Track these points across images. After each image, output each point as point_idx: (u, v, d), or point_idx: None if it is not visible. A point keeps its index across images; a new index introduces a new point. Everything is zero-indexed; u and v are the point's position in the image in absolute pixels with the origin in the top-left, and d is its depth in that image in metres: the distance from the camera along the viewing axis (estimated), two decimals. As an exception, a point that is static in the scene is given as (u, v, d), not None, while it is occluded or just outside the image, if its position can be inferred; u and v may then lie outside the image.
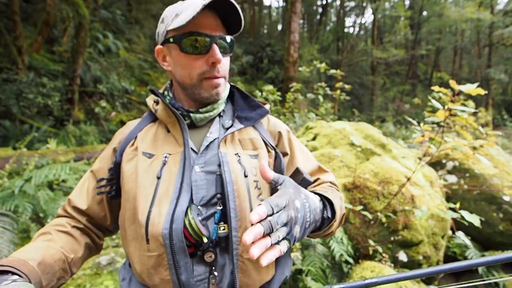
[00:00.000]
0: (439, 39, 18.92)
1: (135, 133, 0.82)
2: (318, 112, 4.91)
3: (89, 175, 0.85)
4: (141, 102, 9.72)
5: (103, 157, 0.86)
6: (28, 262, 0.61)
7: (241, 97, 0.90)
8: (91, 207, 0.82)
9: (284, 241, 0.57)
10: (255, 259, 0.53)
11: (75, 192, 0.84)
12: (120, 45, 10.74)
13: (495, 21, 14.19)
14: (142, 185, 0.72)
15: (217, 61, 0.73)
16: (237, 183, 0.72)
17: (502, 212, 2.74)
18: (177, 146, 0.77)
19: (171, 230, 0.66)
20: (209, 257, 0.70)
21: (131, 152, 0.79)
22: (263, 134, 0.86)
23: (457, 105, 1.65)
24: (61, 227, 0.78)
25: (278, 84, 11.72)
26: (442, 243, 2.41)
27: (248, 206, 0.72)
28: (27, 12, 8.58)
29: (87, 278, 2.20)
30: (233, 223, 0.70)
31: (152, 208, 0.69)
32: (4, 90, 6.42)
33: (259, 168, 0.68)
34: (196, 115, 0.80)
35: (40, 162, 4.12)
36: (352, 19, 26.26)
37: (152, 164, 0.75)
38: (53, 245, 0.71)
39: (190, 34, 0.72)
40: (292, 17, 7.36)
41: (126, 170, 0.77)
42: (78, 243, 0.78)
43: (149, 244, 0.68)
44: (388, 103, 15.85)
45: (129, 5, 12.98)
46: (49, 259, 0.66)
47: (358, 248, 2.25)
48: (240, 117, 0.86)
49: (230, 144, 0.80)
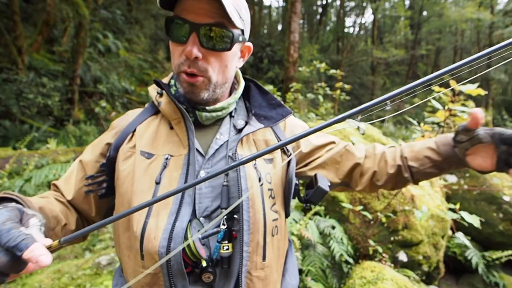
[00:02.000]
0: (439, 39, 18.92)
1: (134, 126, 0.73)
2: (318, 112, 4.92)
3: (78, 165, 0.75)
4: (141, 102, 9.72)
5: (94, 146, 0.76)
6: (31, 201, 0.59)
7: (259, 93, 0.79)
8: (76, 198, 0.73)
9: None
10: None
11: (63, 179, 0.76)
12: (120, 45, 10.74)
13: (495, 21, 14.20)
14: (139, 190, 0.64)
15: (187, 54, 0.62)
16: (252, 192, 0.65)
17: (502, 212, 2.74)
18: (180, 147, 0.68)
19: (168, 250, 0.59)
20: (207, 277, 0.62)
21: (128, 150, 0.70)
22: (279, 136, 0.77)
23: (457, 105, 1.65)
24: (58, 196, 0.73)
25: (278, 84, 11.72)
26: (442, 243, 2.41)
27: (262, 218, 0.65)
28: (27, 12, 8.58)
29: (87, 278, 2.20)
30: (245, 237, 0.62)
31: (148, 219, 0.62)
32: (4, 90, 6.42)
33: (473, 115, 0.58)
34: (202, 113, 0.71)
35: (40, 162, 4.12)
36: (352, 19, 26.27)
37: (151, 166, 0.66)
38: (52, 205, 0.68)
39: (173, 18, 0.63)
40: (292, 17, 7.36)
41: (121, 170, 0.68)
42: (72, 215, 0.72)
43: (143, 261, 0.62)
44: (388, 103, 15.82)
45: (129, 5, 12.98)
46: (48, 211, 0.62)
47: (358, 248, 2.25)
48: (258, 115, 0.75)
49: (246, 145, 0.71)
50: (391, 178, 0.76)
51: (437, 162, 0.71)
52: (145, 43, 12.58)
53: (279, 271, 0.74)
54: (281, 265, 0.75)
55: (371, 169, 0.78)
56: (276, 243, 0.70)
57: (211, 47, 0.63)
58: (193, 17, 0.61)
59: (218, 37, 0.62)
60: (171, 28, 0.63)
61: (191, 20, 0.61)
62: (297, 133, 0.78)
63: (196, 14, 0.61)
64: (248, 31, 0.72)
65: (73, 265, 2.37)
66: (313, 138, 0.82)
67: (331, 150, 0.82)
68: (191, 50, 0.61)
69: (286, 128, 0.81)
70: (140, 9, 13.04)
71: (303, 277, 2.02)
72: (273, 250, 0.69)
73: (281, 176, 0.74)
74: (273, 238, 0.68)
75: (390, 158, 0.77)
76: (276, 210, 0.70)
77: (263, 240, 0.65)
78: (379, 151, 0.79)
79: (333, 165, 0.80)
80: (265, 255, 0.66)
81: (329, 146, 0.83)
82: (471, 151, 0.64)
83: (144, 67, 11.51)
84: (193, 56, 0.62)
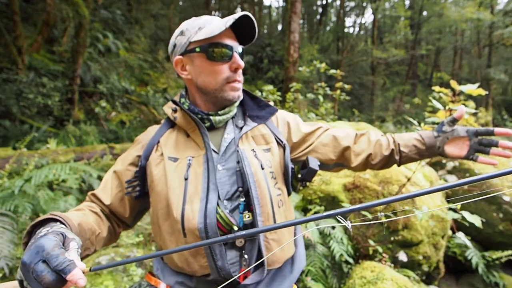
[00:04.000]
0: (439, 39, 18.90)
1: (157, 138, 0.92)
2: (318, 112, 4.91)
3: (112, 175, 0.93)
4: (141, 102, 9.71)
5: (125, 158, 0.95)
6: (71, 219, 0.71)
7: (249, 98, 0.99)
8: (114, 203, 0.91)
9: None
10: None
11: (99, 189, 0.93)
12: (120, 45, 10.74)
13: (495, 21, 14.18)
14: (172, 186, 0.82)
15: (239, 67, 0.85)
16: (256, 175, 0.83)
17: (502, 212, 2.74)
18: (198, 150, 0.87)
19: (206, 224, 0.77)
20: (240, 242, 0.81)
21: (158, 157, 0.88)
22: (273, 130, 0.96)
23: (457, 105, 1.65)
24: (92, 207, 0.88)
25: (278, 84, 11.71)
26: (442, 243, 2.41)
27: (268, 194, 0.83)
28: (27, 12, 8.58)
29: (87, 278, 2.20)
30: (257, 209, 0.81)
31: (184, 206, 0.80)
32: (4, 90, 6.41)
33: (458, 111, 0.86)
34: (215, 118, 0.89)
35: (40, 162, 4.12)
36: (352, 19, 26.26)
37: (178, 167, 0.85)
38: (87, 217, 0.81)
39: (216, 44, 0.82)
40: (292, 17, 7.36)
41: (155, 174, 0.86)
42: (104, 224, 0.87)
43: (186, 238, 0.79)
44: (388, 103, 15.85)
45: (129, 5, 12.98)
46: (84, 225, 0.76)
47: (358, 248, 2.25)
48: (252, 116, 0.95)
49: (246, 141, 0.90)
50: (384, 159, 0.97)
51: (421, 150, 0.94)
52: (145, 43, 12.58)
53: (291, 235, 0.93)
54: (291, 232, 0.94)
55: (366, 150, 0.98)
56: (283, 212, 0.89)
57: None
58: (230, 41, 0.84)
59: (241, 53, 0.87)
60: (215, 51, 0.83)
61: (230, 44, 0.84)
62: (288, 120, 1.03)
63: (231, 39, 0.85)
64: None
65: (73, 265, 2.37)
66: (302, 126, 1.02)
67: (320, 136, 1.01)
68: (242, 63, 0.85)
69: (278, 121, 1.01)
70: (140, 9, 13.03)
71: (303, 277, 2.02)
72: (281, 218, 0.87)
73: (279, 161, 0.93)
74: (280, 209, 0.87)
75: (384, 143, 0.98)
76: (278, 187, 0.89)
77: (271, 210, 0.84)
78: (374, 138, 0.99)
79: (324, 148, 1.00)
80: (275, 222, 0.84)
81: (317, 131, 1.02)
82: (449, 142, 0.90)
83: (144, 67, 11.51)
84: (243, 66, 0.86)
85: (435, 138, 0.91)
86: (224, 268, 0.79)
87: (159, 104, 9.79)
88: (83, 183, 3.87)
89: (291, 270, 0.91)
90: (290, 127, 1.00)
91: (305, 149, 1.00)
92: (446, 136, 0.90)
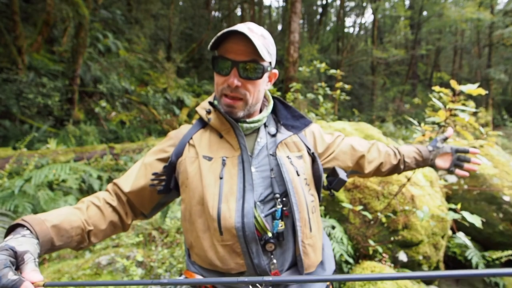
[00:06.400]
0: (439, 39, 18.89)
1: (189, 137, 0.94)
2: (318, 112, 4.91)
3: (140, 166, 0.95)
4: (141, 102, 9.71)
5: (154, 152, 0.96)
6: (45, 222, 0.73)
7: (284, 108, 1.03)
8: (133, 191, 0.92)
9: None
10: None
11: (122, 177, 0.96)
12: (120, 45, 10.74)
13: (495, 21, 14.18)
14: (207, 184, 0.84)
15: (230, 84, 0.83)
16: (294, 181, 0.85)
17: (502, 212, 2.74)
18: (232, 150, 0.89)
19: (243, 224, 0.79)
20: (270, 247, 0.82)
21: (192, 155, 0.90)
22: (302, 139, 1.00)
23: (457, 105, 1.65)
24: (96, 200, 0.89)
25: (278, 84, 11.70)
26: (442, 243, 2.41)
27: (304, 200, 0.86)
28: (27, 12, 8.58)
29: (87, 278, 2.20)
30: (296, 215, 0.83)
31: (220, 204, 0.81)
32: (4, 90, 6.41)
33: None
34: (243, 125, 0.91)
35: (40, 162, 4.12)
36: (352, 19, 26.28)
37: (212, 166, 0.86)
38: (78, 214, 0.82)
39: (217, 57, 0.84)
40: (292, 17, 7.36)
41: (190, 171, 0.88)
42: (104, 218, 0.88)
43: (222, 236, 0.81)
44: (388, 103, 15.83)
45: (129, 5, 12.97)
46: (66, 224, 0.77)
47: (358, 248, 2.25)
48: (286, 125, 0.99)
49: (281, 148, 0.93)
50: (391, 167, 1.12)
51: (418, 161, 1.14)
52: (145, 43, 12.57)
53: (321, 239, 0.96)
54: (321, 236, 0.97)
55: (378, 159, 1.10)
56: (316, 218, 0.92)
57: (247, 77, 0.84)
58: (234, 56, 0.82)
59: (252, 70, 0.83)
60: (217, 63, 0.84)
61: (232, 59, 0.81)
62: (313, 130, 1.09)
63: (236, 54, 0.82)
64: (274, 61, 0.92)
65: (73, 265, 2.37)
66: (325, 136, 1.09)
67: (340, 145, 1.08)
68: (233, 81, 0.83)
69: (306, 131, 1.05)
70: (140, 9, 13.02)
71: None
72: (315, 223, 0.91)
73: (310, 168, 0.97)
74: (313, 215, 0.90)
75: (392, 153, 1.13)
76: (311, 194, 0.92)
77: (307, 216, 0.87)
78: (382, 148, 1.13)
79: (343, 156, 1.07)
80: (311, 227, 0.88)
81: (337, 140, 1.09)
82: (438, 156, 1.13)
83: (144, 67, 11.50)
84: (234, 85, 0.83)
85: (430, 152, 1.13)
86: (261, 266, 0.81)
87: (159, 104, 9.79)
88: (83, 183, 3.87)
89: (322, 271, 0.94)
90: (316, 137, 1.05)
91: (327, 157, 1.05)
92: (438, 151, 1.12)
